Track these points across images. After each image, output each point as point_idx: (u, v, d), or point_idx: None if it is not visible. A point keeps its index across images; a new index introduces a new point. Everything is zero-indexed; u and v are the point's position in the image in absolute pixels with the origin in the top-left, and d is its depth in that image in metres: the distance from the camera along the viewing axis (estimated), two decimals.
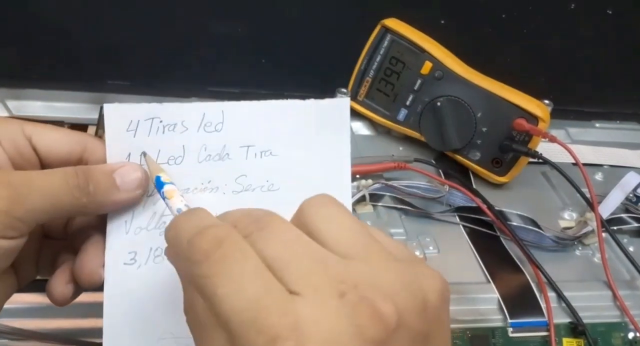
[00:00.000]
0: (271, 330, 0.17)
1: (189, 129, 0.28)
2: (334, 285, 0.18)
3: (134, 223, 0.28)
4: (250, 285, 0.18)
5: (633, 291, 0.45)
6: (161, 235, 0.28)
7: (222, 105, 0.28)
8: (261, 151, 0.29)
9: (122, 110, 0.27)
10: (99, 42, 0.53)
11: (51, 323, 0.34)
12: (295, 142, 0.29)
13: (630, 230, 0.51)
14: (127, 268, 0.27)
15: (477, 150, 0.51)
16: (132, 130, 0.27)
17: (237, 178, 0.29)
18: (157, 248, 0.28)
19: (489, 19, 0.63)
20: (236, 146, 0.28)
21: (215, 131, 0.28)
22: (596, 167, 0.58)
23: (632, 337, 0.42)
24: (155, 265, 0.28)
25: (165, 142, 0.28)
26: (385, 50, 0.52)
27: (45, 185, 0.24)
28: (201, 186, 0.28)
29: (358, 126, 0.56)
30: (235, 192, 0.29)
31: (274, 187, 0.29)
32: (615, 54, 0.68)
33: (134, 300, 0.27)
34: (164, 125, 0.28)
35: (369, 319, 0.18)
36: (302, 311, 0.18)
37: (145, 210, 0.28)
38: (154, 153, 0.28)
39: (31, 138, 0.27)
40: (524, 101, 0.49)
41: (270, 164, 0.29)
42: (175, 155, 0.28)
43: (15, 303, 0.34)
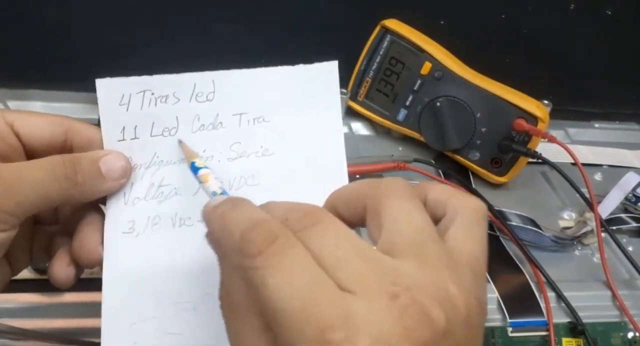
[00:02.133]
0: (321, 320, 0.17)
1: (181, 100, 0.28)
2: (386, 287, 0.18)
3: (133, 194, 0.28)
4: (301, 277, 0.18)
5: (632, 291, 0.45)
6: (159, 204, 0.28)
7: (213, 74, 0.28)
8: (254, 118, 0.29)
9: (113, 84, 0.27)
10: (99, 43, 0.53)
11: (51, 322, 0.34)
12: (287, 107, 0.29)
13: (630, 230, 0.51)
14: (125, 237, 0.28)
15: (476, 150, 0.51)
16: (125, 103, 0.28)
17: (232, 145, 0.29)
18: (155, 216, 0.28)
19: (489, 19, 0.63)
20: (229, 114, 0.29)
21: (207, 101, 0.28)
22: (595, 167, 0.58)
23: (631, 337, 0.42)
24: (152, 233, 0.28)
25: (159, 114, 0.28)
26: (385, 50, 0.52)
27: (34, 177, 0.25)
28: None
29: (358, 126, 0.56)
30: (230, 159, 0.29)
31: (269, 151, 0.29)
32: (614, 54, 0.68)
33: (133, 266, 0.28)
34: (156, 97, 0.28)
35: (418, 322, 0.18)
36: (353, 307, 0.18)
37: (144, 182, 0.28)
38: (147, 126, 0.28)
39: (13, 124, 0.27)
40: (523, 101, 0.49)
41: (264, 130, 0.29)
42: (169, 126, 0.28)
43: (15, 303, 0.34)
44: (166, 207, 0.28)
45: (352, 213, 0.23)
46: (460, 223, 0.22)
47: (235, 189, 0.29)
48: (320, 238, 0.20)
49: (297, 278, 0.18)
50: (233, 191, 0.29)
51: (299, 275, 0.18)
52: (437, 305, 0.18)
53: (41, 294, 0.35)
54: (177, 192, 0.29)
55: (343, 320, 0.18)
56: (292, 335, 0.18)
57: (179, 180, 0.29)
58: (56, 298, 0.35)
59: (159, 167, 0.28)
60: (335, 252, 0.19)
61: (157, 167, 0.28)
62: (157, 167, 0.28)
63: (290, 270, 0.19)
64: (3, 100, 0.49)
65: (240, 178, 0.29)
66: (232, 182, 0.29)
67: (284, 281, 0.18)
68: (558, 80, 0.65)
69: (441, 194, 0.23)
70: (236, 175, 0.29)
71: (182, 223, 0.28)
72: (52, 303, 0.35)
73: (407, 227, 0.21)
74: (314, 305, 0.18)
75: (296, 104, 0.29)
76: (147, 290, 0.27)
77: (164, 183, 0.28)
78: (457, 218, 0.22)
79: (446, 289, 0.19)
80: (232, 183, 0.29)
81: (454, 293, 0.19)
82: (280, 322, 0.18)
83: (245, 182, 0.29)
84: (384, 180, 0.23)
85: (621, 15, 0.65)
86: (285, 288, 0.18)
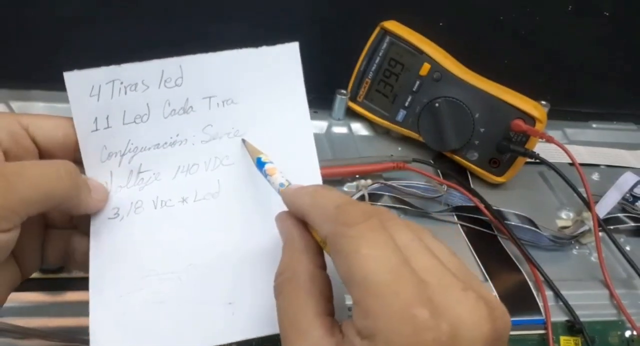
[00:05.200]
0: (409, 296, 0.19)
1: (150, 87, 0.28)
2: (456, 281, 0.20)
3: (114, 182, 0.29)
4: (392, 255, 0.20)
5: (629, 290, 0.45)
6: (141, 190, 0.29)
7: (179, 60, 0.29)
8: (223, 100, 0.30)
9: (82, 76, 0.28)
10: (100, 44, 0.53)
11: (53, 321, 0.34)
12: (254, 88, 0.30)
13: (627, 230, 0.51)
14: (111, 222, 0.29)
15: (475, 151, 0.51)
16: (95, 94, 0.28)
17: (204, 128, 0.30)
18: (137, 201, 0.29)
19: (487, 20, 0.63)
20: (198, 98, 0.29)
21: (176, 86, 0.29)
22: (593, 167, 0.58)
23: (628, 335, 0.42)
24: (136, 216, 0.29)
25: (129, 102, 0.28)
26: (384, 52, 0.53)
27: (38, 174, 0.25)
28: (170, 140, 0.29)
29: (357, 127, 0.57)
30: (204, 141, 0.30)
31: (240, 132, 0.30)
32: (612, 55, 0.68)
33: (117, 245, 0.29)
34: (125, 86, 0.28)
35: (487, 316, 0.20)
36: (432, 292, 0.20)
37: (122, 170, 0.29)
38: (119, 114, 0.29)
39: (28, 128, 0.27)
40: (521, 102, 0.49)
41: (234, 112, 0.30)
42: (141, 113, 0.29)
43: (17, 302, 0.35)
44: (147, 192, 0.29)
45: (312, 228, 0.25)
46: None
47: (211, 170, 0.30)
48: (397, 231, 0.21)
49: (387, 255, 0.20)
50: (209, 172, 0.30)
51: (389, 252, 0.20)
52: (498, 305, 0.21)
53: (43, 293, 0.35)
54: (157, 177, 0.30)
55: (426, 301, 0.19)
56: (379, 305, 0.19)
57: (157, 165, 0.29)
58: (58, 297, 0.35)
59: (134, 154, 0.29)
60: (411, 244, 0.21)
61: (133, 153, 0.29)
62: (133, 153, 0.29)
63: (382, 246, 0.20)
64: (6, 101, 0.49)
65: (215, 158, 0.30)
66: (208, 163, 0.30)
67: (376, 254, 0.20)
68: (556, 81, 0.65)
69: None
70: (211, 157, 0.30)
71: (164, 205, 0.29)
72: (54, 301, 0.35)
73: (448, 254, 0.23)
74: (403, 282, 0.19)
75: (262, 85, 0.30)
76: (132, 265, 0.28)
77: (143, 169, 0.29)
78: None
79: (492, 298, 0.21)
80: (208, 164, 0.30)
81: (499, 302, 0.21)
82: (367, 290, 0.19)
83: (220, 163, 0.30)
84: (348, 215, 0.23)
85: (619, 16, 0.65)
86: (377, 260, 0.20)
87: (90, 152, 0.28)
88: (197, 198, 0.30)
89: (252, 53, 0.30)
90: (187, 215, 0.29)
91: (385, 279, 0.19)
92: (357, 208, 0.21)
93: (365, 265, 0.20)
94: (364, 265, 0.20)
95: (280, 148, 0.30)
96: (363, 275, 0.20)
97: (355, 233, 0.20)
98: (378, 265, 0.20)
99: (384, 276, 0.19)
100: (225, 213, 0.29)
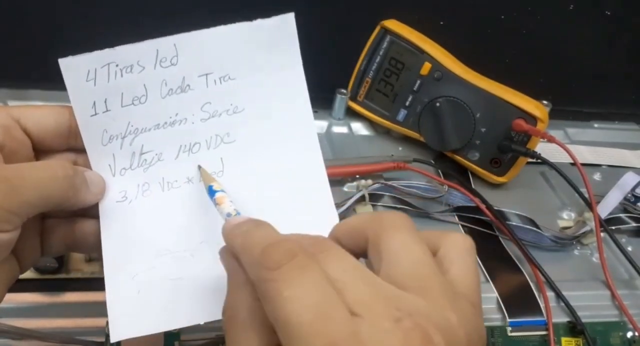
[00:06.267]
0: (330, 335, 0.18)
1: (145, 68, 0.28)
2: (390, 311, 0.19)
3: (117, 165, 0.29)
4: (315, 293, 0.19)
5: (631, 290, 0.45)
6: (145, 172, 0.29)
7: (173, 38, 0.28)
8: (220, 77, 0.29)
9: (77, 61, 0.28)
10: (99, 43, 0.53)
11: (52, 322, 0.34)
12: (250, 63, 0.30)
13: (629, 230, 0.51)
14: (119, 205, 0.29)
15: (476, 151, 0.51)
16: (92, 79, 0.28)
17: (203, 106, 0.30)
18: (144, 183, 0.29)
19: (488, 19, 0.63)
20: (195, 76, 0.29)
21: (172, 65, 0.29)
22: (595, 167, 0.58)
23: (630, 336, 0.42)
24: (144, 198, 0.29)
25: (126, 85, 0.28)
26: (384, 51, 0.52)
27: (37, 177, 0.25)
28: (170, 120, 0.29)
29: (358, 126, 0.56)
30: (203, 119, 0.30)
31: (239, 108, 0.30)
32: (614, 54, 0.68)
33: (128, 227, 0.29)
34: (121, 68, 0.28)
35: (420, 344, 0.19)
36: (360, 328, 0.19)
37: (124, 151, 0.29)
38: (117, 97, 0.29)
39: (19, 120, 0.27)
40: (522, 102, 0.49)
41: (231, 88, 0.30)
42: (139, 94, 0.29)
43: (15, 303, 0.34)
44: (152, 174, 0.29)
45: (354, 244, 0.24)
46: (456, 257, 0.23)
47: (213, 148, 0.30)
48: (330, 263, 0.21)
49: (311, 293, 0.19)
50: (211, 150, 0.30)
51: (313, 291, 0.19)
52: (438, 331, 0.19)
53: (41, 294, 0.35)
54: (160, 157, 0.30)
55: (350, 338, 0.18)
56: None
57: (158, 146, 0.30)
58: (57, 297, 0.35)
59: (135, 136, 0.29)
60: (343, 276, 0.20)
61: (133, 135, 0.29)
62: (133, 135, 0.29)
63: (305, 285, 0.19)
64: (4, 100, 0.49)
65: (216, 137, 0.30)
66: (210, 141, 0.30)
67: (298, 294, 0.19)
68: (557, 81, 0.65)
69: (432, 232, 0.25)
70: (212, 134, 0.30)
71: (170, 187, 0.30)
72: (53, 302, 0.35)
73: (408, 259, 0.22)
74: (324, 321, 0.19)
75: (258, 60, 0.30)
76: (144, 245, 0.29)
77: (145, 150, 0.29)
78: (452, 252, 0.23)
79: (447, 318, 0.20)
80: (210, 142, 0.30)
81: (455, 322, 0.20)
82: (290, 334, 0.19)
83: (221, 140, 0.30)
84: (385, 213, 0.24)
85: (621, 16, 0.65)
86: (299, 301, 0.19)
87: (92, 137, 0.29)
88: (202, 178, 0.30)
89: (247, 27, 0.29)
90: (194, 194, 0.30)
91: (308, 319, 0.19)
92: (282, 249, 0.20)
93: (286, 309, 0.19)
94: (286, 308, 0.19)
95: (279, 122, 0.30)
96: (285, 318, 0.19)
97: (277, 276, 0.20)
98: (299, 306, 0.19)
99: (306, 316, 0.19)
100: (230, 191, 0.29)
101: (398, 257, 0.22)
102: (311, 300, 0.19)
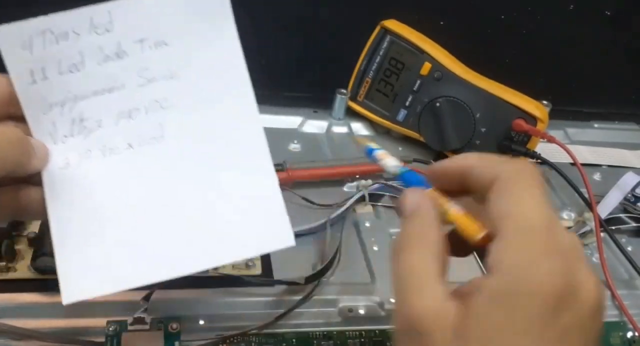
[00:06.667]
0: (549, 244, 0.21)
1: (81, 35, 0.29)
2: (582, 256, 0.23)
3: (58, 133, 0.30)
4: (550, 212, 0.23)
5: (631, 290, 0.45)
6: (86, 139, 0.30)
7: (107, 5, 0.29)
8: (155, 43, 0.30)
9: (12, 29, 0.28)
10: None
11: (51, 322, 0.34)
12: (184, 29, 0.30)
13: (629, 230, 0.51)
14: (62, 172, 0.30)
15: (476, 151, 0.51)
16: (28, 47, 0.28)
17: (139, 72, 0.30)
18: (86, 151, 0.30)
19: (488, 20, 0.63)
20: (130, 42, 0.30)
21: (107, 31, 0.29)
22: (594, 167, 0.58)
23: (630, 336, 0.42)
24: (86, 165, 0.30)
25: (62, 52, 0.29)
26: (384, 51, 0.52)
27: None
28: (108, 86, 0.30)
29: (358, 126, 0.56)
30: (140, 85, 0.30)
31: (176, 74, 0.30)
32: (614, 54, 0.68)
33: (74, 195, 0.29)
34: (56, 36, 0.29)
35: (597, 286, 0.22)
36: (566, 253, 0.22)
37: (65, 120, 0.30)
38: (54, 65, 0.29)
39: None
40: (522, 102, 0.49)
41: (167, 54, 0.30)
42: (76, 62, 0.29)
43: (15, 303, 0.34)
44: (93, 140, 0.30)
45: (474, 181, 0.24)
46: None
47: (152, 113, 0.30)
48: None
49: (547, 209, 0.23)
50: (150, 115, 0.30)
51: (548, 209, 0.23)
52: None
53: (41, 294, 0.35)
54: (99, 124, 0.30)
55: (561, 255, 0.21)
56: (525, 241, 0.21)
57: (98, 113, 0.30)
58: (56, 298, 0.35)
59: (74, 103, 0.30)
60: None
61: (73, 103, 0.30)
62: (73, 103, 0.30)
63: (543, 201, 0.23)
64: None
65: (155, 102, 0.30)
66: (148, 107, 0.30)
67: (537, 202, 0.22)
68: (557, 81, 0.65)
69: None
70: (150, 100, 0.30)
71: (112, 153, 0.30)
72: (52, 302, 0.35)
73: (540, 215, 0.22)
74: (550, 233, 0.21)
75: (192, 26, 0.30)
76: (89, 210, 0.29)
77: (85, 117, 0.30)
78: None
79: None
80: (148, 108, 0.30)
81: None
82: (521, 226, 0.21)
83: (160, 106, 0.30)
84: (520, 162, 0.24)
85: (621, 16, 0.65)
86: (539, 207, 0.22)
87: (31, 105, 0.29)
88: (142, 143, 0.30)
89: None
90: (136, 160, 0.30)
91: (540, 223, 0.21)
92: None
93: (528, 209, 0.21)
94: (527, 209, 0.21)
95: (215, 86, 0.31)
96: (525, 217, 0.21)
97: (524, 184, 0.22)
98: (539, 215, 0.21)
99: (539, 221, 0.21)
100: (171, 156, 0.30)
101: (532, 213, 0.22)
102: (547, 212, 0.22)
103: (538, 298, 0.20)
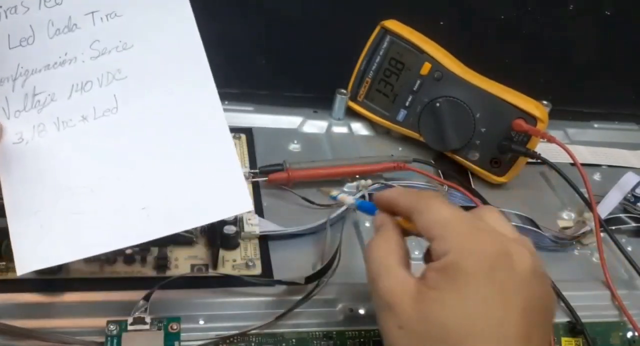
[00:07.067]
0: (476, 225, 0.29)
1: (30, 9, 0.29)
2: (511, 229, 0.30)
3: (11, 108, 0.30)
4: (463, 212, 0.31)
5: (631, 290, 0.45)
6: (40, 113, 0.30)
7: None
8: (106, 14, 0.30)
9: None
10: None
11: (52, 322, 0.34)
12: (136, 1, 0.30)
13: (629, 230, 0.51)
14: (16, 146, 0.30)
15: (476, 151, 0.51)
16: None
17: (91, 44, 0.30)
18: (39, 124, 0.30)
19: (488, 20, 0.63)
20: (81, 14, 0.30)
21: (57, 4, 0.29)
22: (594, 167, 0.58)
23: (630, 336, 0.42)
24: (40, 139, 0.30)
25: (12, 26, 0.29)
26: (384, 51, 0.52)
27: None
28: (60, 60, 0.30)
29: (357, 126, 0.56)
30: (93, 57, 0.30)
31: (128, 45, 0.30)
32: (614, 54, 0.68)
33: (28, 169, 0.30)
34: (5, 10, 0.29)
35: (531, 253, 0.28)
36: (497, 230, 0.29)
37: (17, 93, 0.30)
38: (4, 39, 0.29)
39: None
40: (522, 102, 0.49)
41: (119, 25, 0.30)
42: (26, 35, 0.29)
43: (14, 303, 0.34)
44: (47, 114, 0.30)
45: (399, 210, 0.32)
46: None
47: (105, 85, 0.30)
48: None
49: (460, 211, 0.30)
50: (104, 87, 0.30)
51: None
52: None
53: (41, 294, 0.35)
54: (52, 97, 0.30)
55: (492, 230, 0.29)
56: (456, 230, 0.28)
57: (51, 86, 0.30)
58: (56, 297, 0.35)
59: (26, 77, 0.30)
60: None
61: (25, 77, 0.30)
62: (25, 77, 0.30)
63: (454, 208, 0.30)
64: None
65: (108, 74, 0.30)
66: (101, 79, 0.30)
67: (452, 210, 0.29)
68: (557, 81, 0.65)
69: None
70: (103, 72, 0.30)
71: (66, 126, 0.30)
72: (52, 302, 0.35)
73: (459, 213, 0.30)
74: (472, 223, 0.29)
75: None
76: (44, 183, 0.30)
77: (37, 91, 0.30)
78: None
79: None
80: (102, 80, 0.30)
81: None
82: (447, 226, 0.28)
83: (113, 77, 0.30)
84: (425, 192, 0.35)
85: (621, 16, 0.65)
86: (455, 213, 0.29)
87: None
88: (97, 116, 0.30)
89: None
90: (91, 132, 0.30)
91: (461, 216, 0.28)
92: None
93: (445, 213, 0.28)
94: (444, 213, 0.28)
95: (169, 57, 0.30)
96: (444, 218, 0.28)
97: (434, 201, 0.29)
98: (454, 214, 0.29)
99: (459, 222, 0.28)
100: (126, 127, 0.30)
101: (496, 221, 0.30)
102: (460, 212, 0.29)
103: (472, 260, 0.26)
